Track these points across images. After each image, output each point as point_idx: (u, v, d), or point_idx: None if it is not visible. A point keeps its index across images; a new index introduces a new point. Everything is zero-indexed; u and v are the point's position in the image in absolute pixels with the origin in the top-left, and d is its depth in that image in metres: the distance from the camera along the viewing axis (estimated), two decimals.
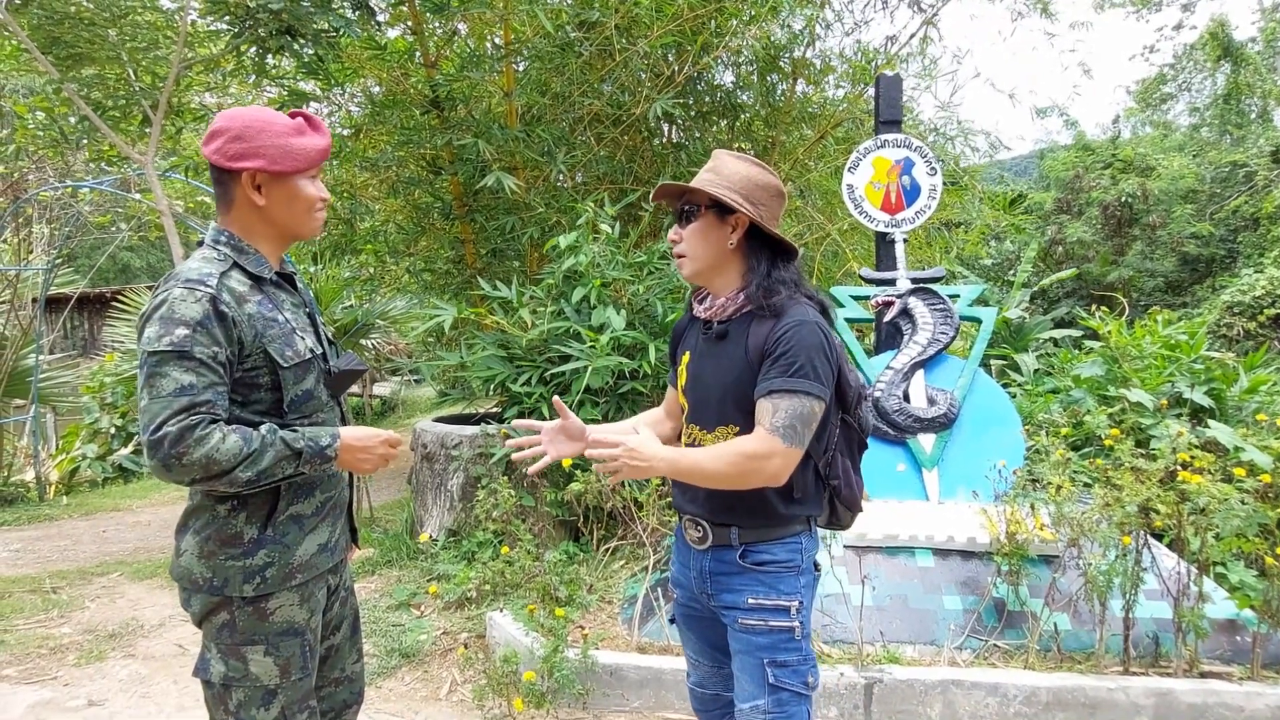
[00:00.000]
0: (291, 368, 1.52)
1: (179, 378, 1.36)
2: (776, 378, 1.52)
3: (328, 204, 1.63)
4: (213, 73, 5.79)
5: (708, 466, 1.50)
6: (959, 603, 3.10)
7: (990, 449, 3.60)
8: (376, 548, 4.52)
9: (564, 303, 4.32)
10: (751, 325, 1.60)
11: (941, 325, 3.83)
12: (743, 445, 1.50)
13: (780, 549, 1.62)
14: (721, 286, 1.68)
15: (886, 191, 4.32)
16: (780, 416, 1.50)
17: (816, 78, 7.32)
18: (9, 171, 7.04)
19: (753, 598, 1.60)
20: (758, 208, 1.61)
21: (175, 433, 1.33)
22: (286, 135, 1.51)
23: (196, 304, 1.40)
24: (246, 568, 1.49)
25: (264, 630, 1.51)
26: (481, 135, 5.39)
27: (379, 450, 1.57)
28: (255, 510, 1.51)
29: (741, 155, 1.66)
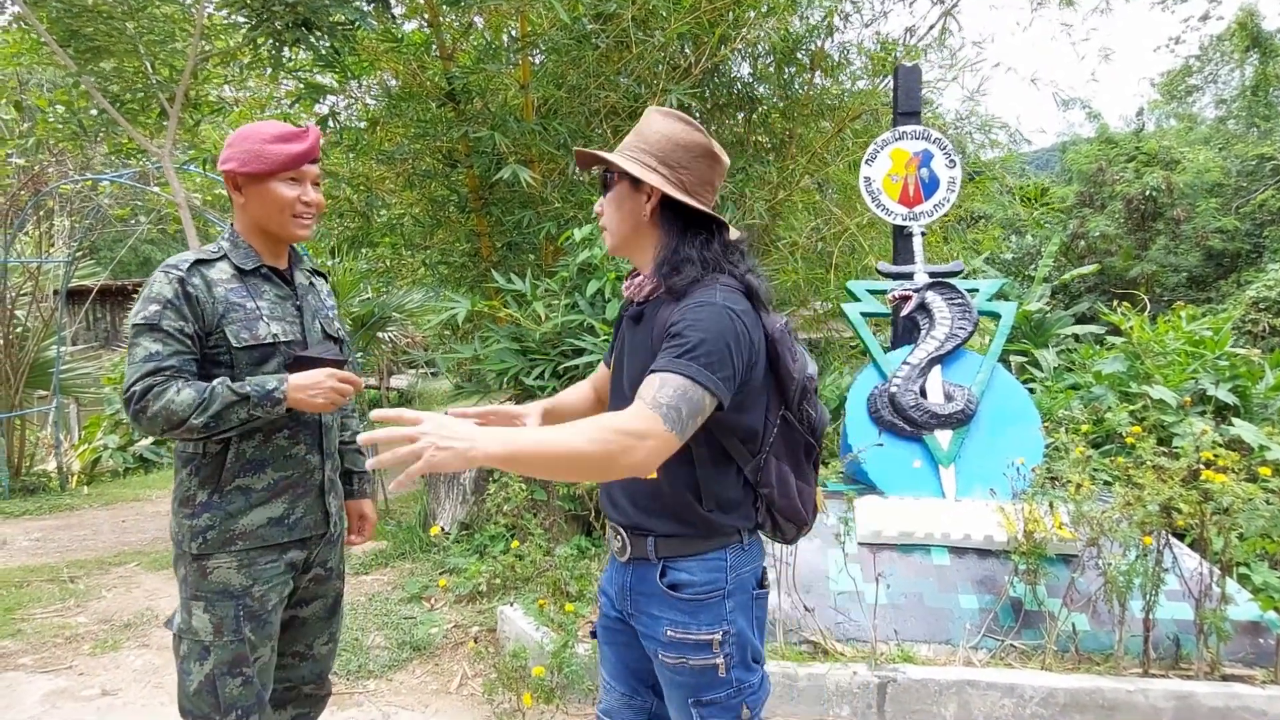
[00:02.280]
0: (245, 349, 1.68)
1: (149, 346, 1.60)
2: (664, 357, 1.29)
3: (313, 208, 1.74)
4: (230, 65, 5.81)
5: (561, 444, 1.15)
6: (975, 601, 3.05)
7: (1008, 446, 3.55)
8: (389, 540, 4.53)
9: (578, 296, 4.30)
10: (661, 309, 1.41)
11: (959, 320, 3.77)
12: (616, 419, 1.21)
13: (700, 567, 1.41)
14: (644, 262, 1.50)
15: (904, 184, 4.26)
16: (666, 393, 1.24)
17: (834, 70, 7.23)
18: (30, 165, 7.11)
19: (671, 630, 1.40)
20: (676, 171, 1.42)
21: (140, 390, 1.57)
22: (263, 141, 1.69)
23: (168, 285, 1.64)
24: (193, 527, 1.68)
25: (204, 588, 1.68)
26: (497, 128, 5.37)
27: (327, 384, 1.66)
28: (207, 477, 1.69)
29: (669, 112, 1.46)
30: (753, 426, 1.42)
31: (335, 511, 1.87)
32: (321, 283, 1.99)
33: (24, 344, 7.39)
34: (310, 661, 1.93)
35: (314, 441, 1.81)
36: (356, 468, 2.08)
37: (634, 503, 1.47)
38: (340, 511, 1.93)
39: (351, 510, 2.09)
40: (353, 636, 3.27)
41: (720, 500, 1.42)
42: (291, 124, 1.77)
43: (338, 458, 1.92)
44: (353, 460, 2.08)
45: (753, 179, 6.38)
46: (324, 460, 1.83)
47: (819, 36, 6.81)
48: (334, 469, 1.87)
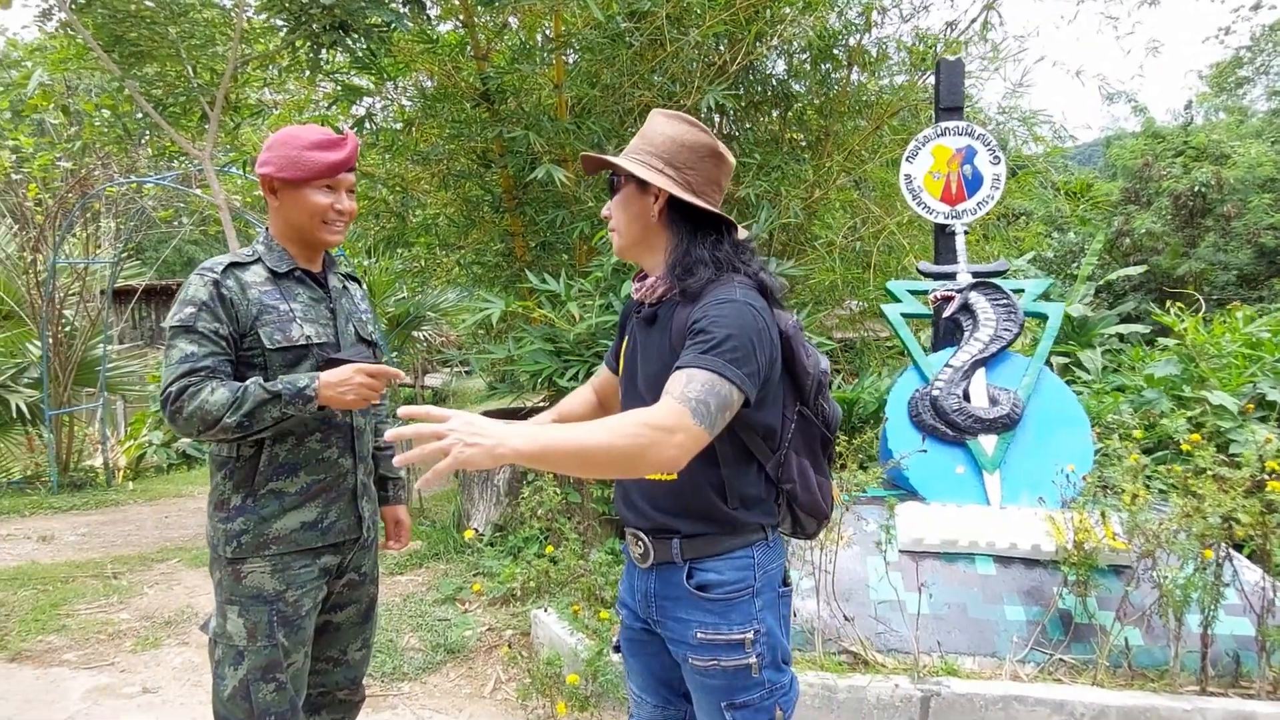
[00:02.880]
0: (278, 350, 1.69)
1: (184, 348, 1.62)
2: (689, 354, 1.27)
3: (346, 215, 1.76)
4: (269, 69, 5.88)
5: (589, 440, 1.13)
6: (1021, 613, 2.96)
7: (1056, 452, 3.43)
8: (424, 540, 4.54)
9: (612, 296, 4.26)
10: (676, 310, 1.41)
11: (1005, 321, 3.66)
12: (645, 413, 1.19)
13: (728, 567, 1.40)
14: (653, 265, 1.50)
15: (946, 181, 4.15)
16: (694, 388, 1.22)
17: (872, 66, 7.11)
18: (77, 168, 7.27)
19: (701, 632, 1.39)
20: (683, 172, 1.42)
21: (176, 391, 1.59)
22: (302, 148, 1.70)
23: (203, 287, 1.66)
24: (227, 531, 1.70)
25: (239, 592, 1.70)
26: (532, 128, 5.37)
27: (356, 380, 1.65)
28: (240, 480, 1.70)
29: (673, 114, 1.46)
30: (772, 423, 1.43)
31: (369, 516, 1.87)
32: (356, 287, 2.00)
33: (72, 343, 7.57)
34: (344, 667, 1.93)
35: (346, 445, 1.81)
36: (391, 474, 2.08)
37: (654, 505, 1.45)
38: (374, 516, 1.92)
39: (387, 516, 2.10)
40: (387, 638, 3.27)
41: (744, 497, 1.42)
42: (331, 128, 1.78)
43: (371, 462, 1.92)
44: (388, 466, 2.08)
45: (788, 177, 6.30)
46: (356, 464, 1.83)
47: (856, 32, 6.70)
48: (367, 473, 1.87)
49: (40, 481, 7.40)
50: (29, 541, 5.27)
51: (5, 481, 7.56)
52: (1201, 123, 20.81)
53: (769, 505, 1.47)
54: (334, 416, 1.77)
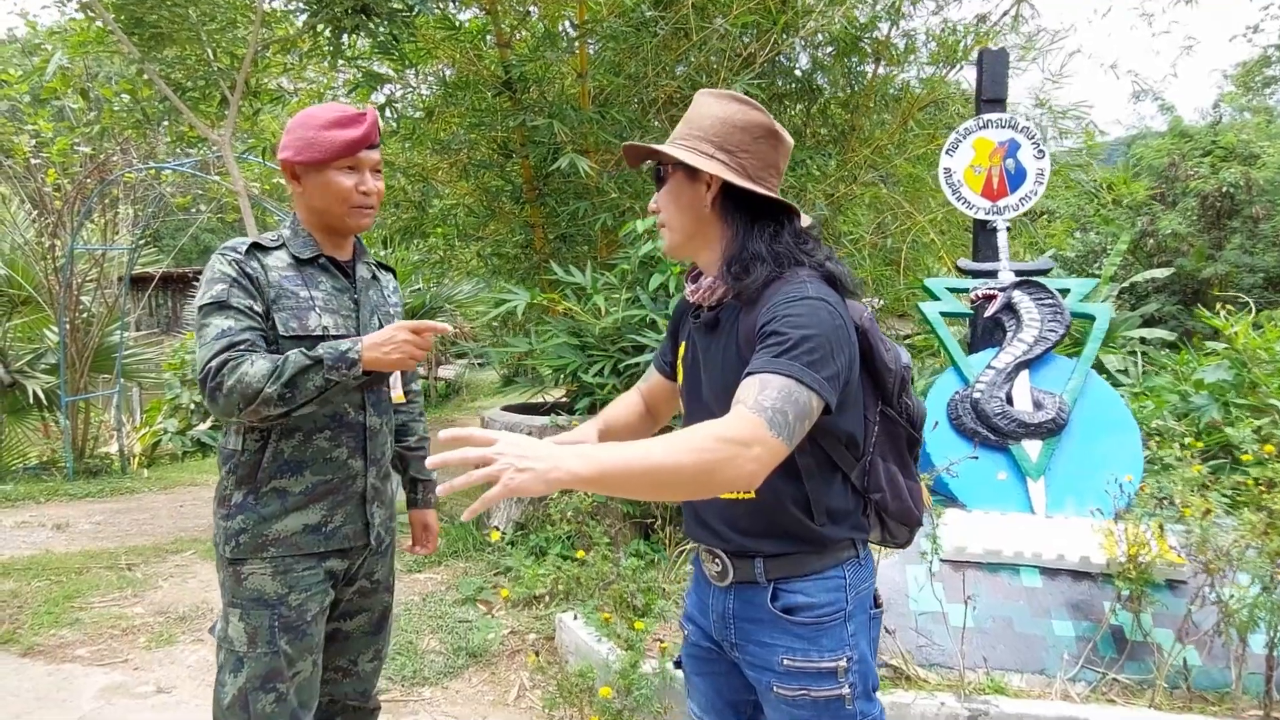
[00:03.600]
0: (291, 338, 1.59)
1: (219, 324, 1.53)
2: (761, 358, 1.14)
3: (373, 197, 1.66)
4: (289, 54, 5.78)
5: (654, 459, 1.00)
6: (1070, 628, 2.82)
7: (1104, 459, 3.29)
8: (442, 537, 4.44)
9: (639, 290, 4.14)
10: (741, 311, 1.28)
11: (1050, 322, 3.52)
12: (715, 426, 1.06)
13: (819, 588, 1.28)
14: (709, 262, 1.35)
15: (988, 176, 4.00)
16: (769, 396, 1.09)
17: (900, 59, 6.94)
18: (96, 153, 7.21)
19: (788, 658, 1.27)
20: (736, 156, 1.27)
21: (216, 365, 1.49)
22: (318, 128, 1.60)
23: (229, 265, 1.58)
24: (227, 529, 1.62)
25: (240, 594, 1.60)
26: (555, 116, 5.25)
27: (400, 338, 1.55)
28: (243, 477, 1.62)
29: (722, 93, 1.32)
30: (854, 428, 1.31)
31: (379, 523, 1.75)
32: (388, 278, 1.88)
33: (89, 329, 7.53)
34: (354, 679, 1.82)
35: (357, 445, 1.68)
36: (422, 476, 1.98)
37: (733, 525, 1.32)
38: (387, 523, 1.79)
39: (415, 520, 2.00)
40: (407, 639, 3.18)
41: (831, 511, 1.30)
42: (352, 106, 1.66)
43: (386, 465, 1.79)
44: (418, 468, 1.97)
45: (813, 173, 6.15)
46: (368, 466, 1.71)
47: (884, 21, 6.53)
48: (380, 476, 1.74)
49: (56, 468, 7.37)
50: (44, 529, 5.21)
51: (21, 467, 7.54)
52: (1229, 122, 20.43)
53: (857, 518, 1.35)
54: (345, 414, 1.66)
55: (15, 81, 6.35)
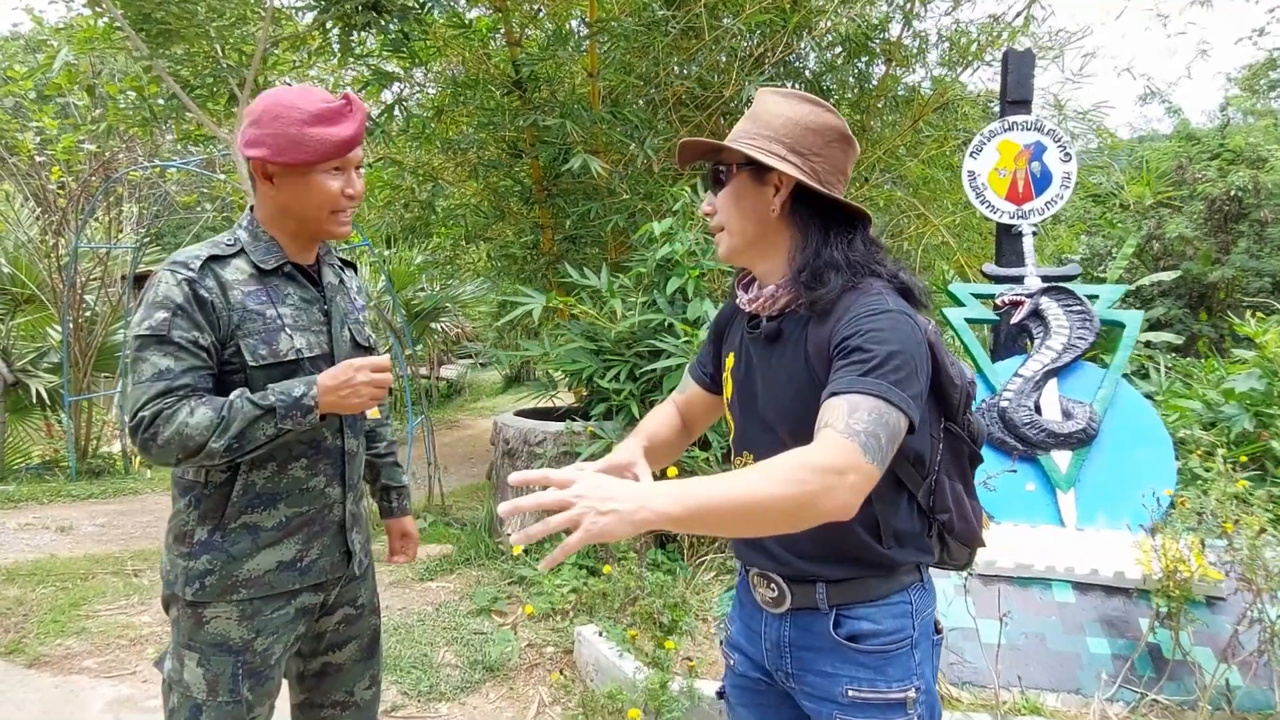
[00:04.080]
0: (263, 367, 1.42)
1: (157, 362, 1.35)
2: (846, 377, 1.07)
3: (356, 201, 1.48)
4: (298, 51, 5.71)
5: (748, 494, 0.95)
6: (1106, 646, 2.75)
7: (1136, 471, 3.22)
8: (454, 544, 4.37)
9: (656, 293, 4.07)
10: (810, 323, 1.20)
11: (1079, 329, 3.45)
12: (808, 455, 0.99)
13: (885, 615, 1.22)
14: (769, 270, 1.27)
15: (1013, 179, 3.93)
16: (860, 419, 1.02)
17: (910, 60, 6.87)
18: (100, 151, 7.13)
19: (853, 689, 1.20)
20: (808, 160, 1.20)
21: (149, 416, 1.33)
22: (301, 124, 1.38)
23: (177, 287, 1.37)
24: (189, 570, 1.44)
25: (199, 638, 1.45)
26: (567, 116, 5.17)
27: (360, 379, 1.41)
28: (208, 511, 1.45)
29: (790, 92, 1.25)
30: (922, 446, 1.24)
31: (359, 549, 1.62)
32: (352, 277, 1.71)
33: (93, 328, 7.45)
34: (354, 710, 1.68)
35: (335, 472, 1.55)
36: (394, 483, 1.85)
37: (792, 549, 1.24)
38: (366, 545, 1.66)
39: (392, 529, 1.87)
40: (421, 651, 3.10)
41: (898, 534, 1.23)
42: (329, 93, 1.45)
43: (362, 487, 1.67)
44: (390, 475, 1.85)
45: None
46: (345, 493, 1.57)
47: (895, 22, 6.47)
48: (356, 500, 1.62)
49: (59, 467, 7.28)
50: (47, 531, 5.13)
51: (24, 467, 7.46)
52: (1237, 125, 20.35)
53: (922, 540, 1.28)
54: (323, 440, 1.52)
55: (21, 78, 6.27)
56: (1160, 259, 15.86)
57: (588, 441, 3.81)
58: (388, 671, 2.94)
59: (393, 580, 3.95)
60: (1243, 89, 23.09)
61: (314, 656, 1.62)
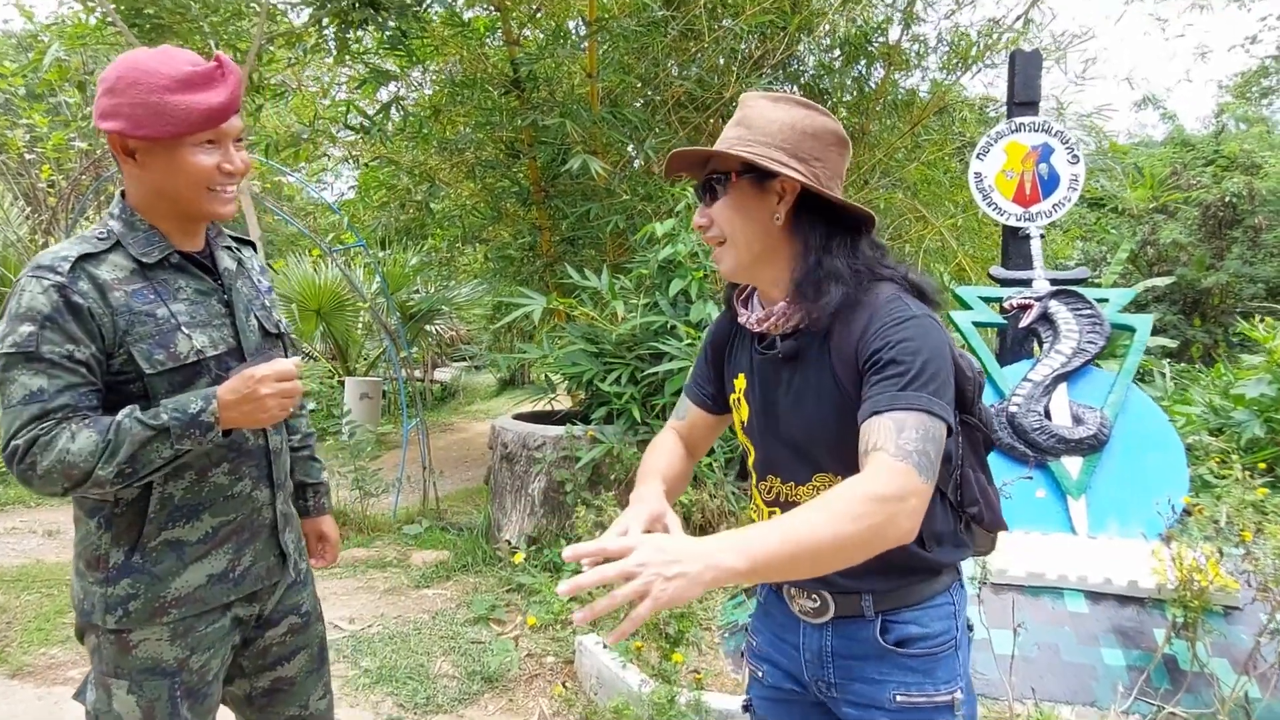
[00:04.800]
0: (162, 374, 1.27)
1: (28, 383, 1.19)
2: (885, 393, 1.05)
3: (237, 177, 1.31)
4: (294, 48, 5.62)
5: (815, 536, 0.93)
6: (1121, 657, 2.68)
7: (1148, 477, 3.16)
8: (450, 550, 4.28)
9: (658, 295, 4.00)
10: (832, 337, 1.15)
11: (1089, 333, 3.39)
12: (866, 485, 0.98)
13: (931, 617, 1.20)
14: (774, 283, 1.22)
15: (1020, 181, 3.88)
16: (909, 438, 1.01)
17: (910, 63, 6.85)
18: (91, 148, 7.03)
19: (901, 694, 1.18)
20: (809, 165, 1.15)
21: (23, 445, 1.18)
22: (163, 91, 1.20)
23: (43, 295, 1.20)
24: (108, 597, 1.29)
25: (127, 665, 1.31)
26: (566, 115, 5.11)
27: (264, 391, 1.24)
28: (123, 531, 1.29)
29: (780, 95, 1.20)
30: (949, 444, 1.19)
31: (294, 550, 1.52)
32: (252, 256, 1.54)
33: None
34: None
35: (261, 473, 1.43)
36: (311, 479, 1.70)
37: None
38: (300, 546, 1.57)
39: (309, 530, 1.71)
40: (418, 661, 3.02)
41: (937, 535, 1.22)
42: (194, 55, 1.27)
43: (289, 484, 1.55)
44: (306, 470, 1.69)
45: None
46: (274, 493, 1.46)
47: (896, 24, 6.44)
48: (285, 499, 1.51)
49: None
50: (35, 536, 5.03)
51: None
52: (1232, 131, 20.43)
53: (958, 535, 1.25)
54: (245, 442, 1.39)
55: (10, 74, 6.17)
56: (1155, 265, 15.88)
57: (588, 445, 3.73)
58: (383, 682, 2.86)
59: (388, 588, 3.87)
60: (1235, 96, 23.19)
61: (261, 673, 1.51)
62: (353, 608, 3.61)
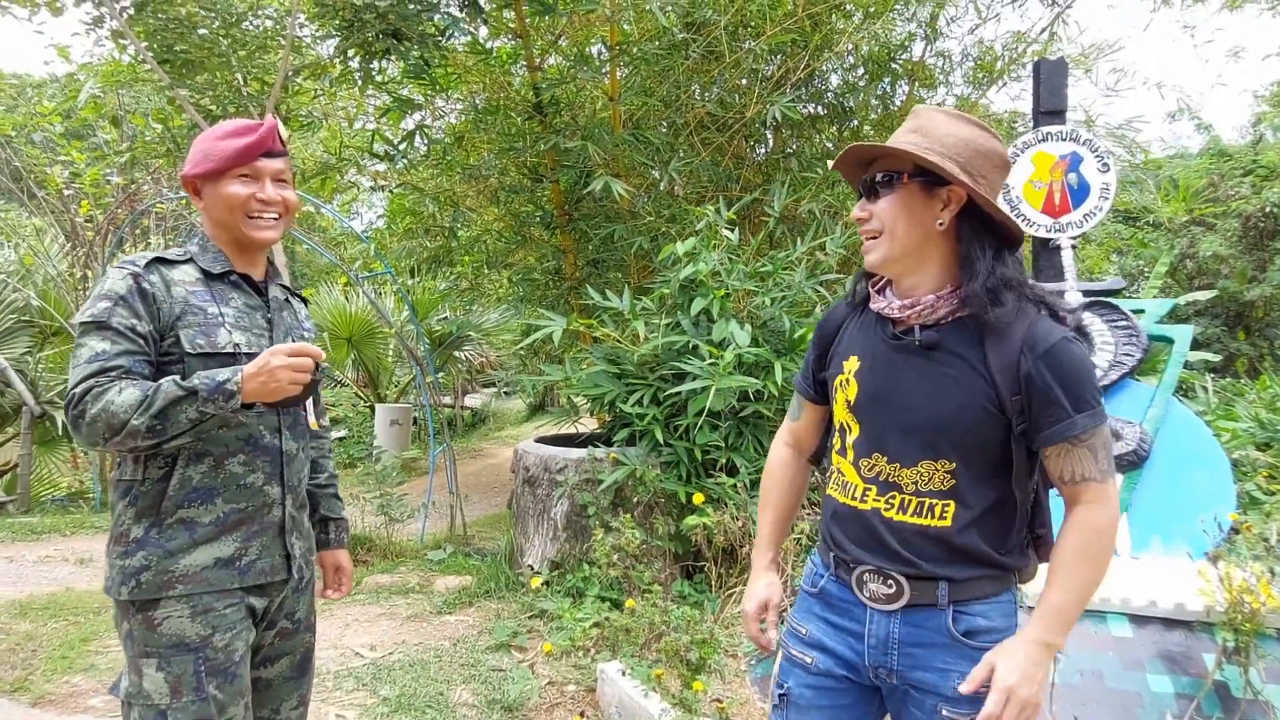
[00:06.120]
0: (199, 355, 1.48)
1: (94, 345, 1.41)
2: (1073, 417, 1.21)
3: (274, 206, 1.56)
4: (319, 79, 5.74)
5: (1087, 587, 1.21)
6: (1169, 684, 2.54)
7: (1192, 494, 3.03)
8: (473, 575, 4.24)
9: (680, 314, 3.95)
10: (985, 340, 1.25)
11: (1125, 345, 3.28)
12: (1098, 521, 1.22)
13: (997, 612, 1.29)
14: (919, 281, 1.31)
15: (1049, 191, 3.78)
16: (1103, 458, 1.22)
17: (935, 80, 6.79)
18: (127, 182, 7.21)
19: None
20: (977, 180, 1.24)
21: (79, 392, 1.37)
22: (213, 139, 1.54)
23: (121, 280, 1.45)
24: (124, 568, 1.44)
25: (155, 642, 1.43)
26: (589, 138, 5.13)
27: (276, 363, 1.41)
28: (145, 508, 1.46)
29: (954, 112, 1.28)
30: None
31: (300, 554, 1.62)
32: (300, 306, 1.79)
33: None
34: None
35: (274, 470, 1.56)
36: (333, 514, 1.85)
37: (917, 551, 1.29)
38: (307, 555, 1.67)
39: (326, 561, 1.85)
40: (437, 690, 2.96)
41: (1009, 545, 1.31)
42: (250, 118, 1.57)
43: (303, 494, 1.67)
44: (329, 506, 1.84)
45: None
46: (285, 494, 1.58)
47: (918, 41, 6.38)
48: (297, 505, 1.63)
49: (84, 499, 7.29)
50: (66, 564, 5.08)
51: (51, 498, 7.47)
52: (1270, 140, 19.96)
53: (1024, 551, 1.35)
54: (260, 438, 1.54)
55: (49, 113, 6.37)
56: (1195, 278, 15.49)
57: (610, 468, 3.67)
58: (401, 711, 2.81)
59: (410, 614, 3.83)
60: (1272, 105, 22.68)
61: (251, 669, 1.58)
62: (374, 634, 3.57)
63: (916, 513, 1.28)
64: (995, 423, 1.24)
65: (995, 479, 1.27)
